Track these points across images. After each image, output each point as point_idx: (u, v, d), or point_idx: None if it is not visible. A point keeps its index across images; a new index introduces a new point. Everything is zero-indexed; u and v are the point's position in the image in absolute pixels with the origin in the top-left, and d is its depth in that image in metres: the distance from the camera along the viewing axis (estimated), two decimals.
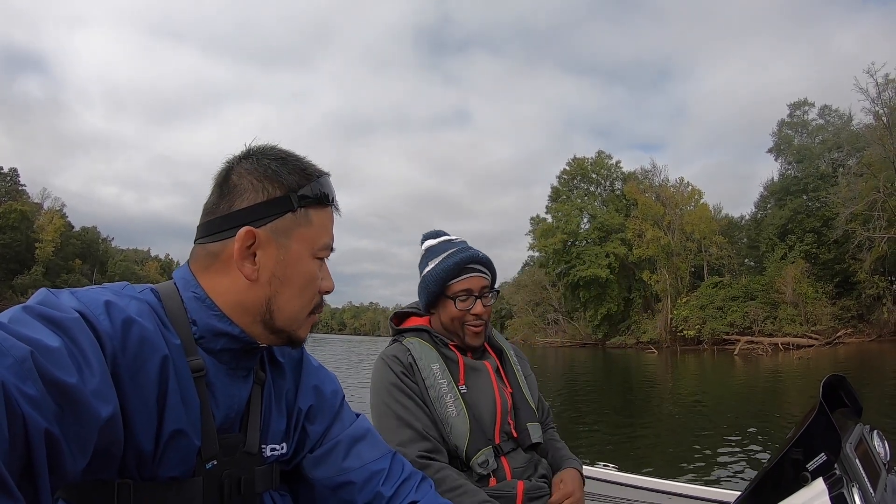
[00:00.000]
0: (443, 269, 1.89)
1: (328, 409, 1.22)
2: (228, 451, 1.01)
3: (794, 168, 49.76)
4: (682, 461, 8.08)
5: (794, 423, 9.60)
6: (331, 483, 1.15)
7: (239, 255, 0.98)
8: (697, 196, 55.94)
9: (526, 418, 1.91)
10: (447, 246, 1.97)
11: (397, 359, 1.87)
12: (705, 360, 35.11)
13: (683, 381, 22.26)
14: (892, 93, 38.12)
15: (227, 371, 1.02)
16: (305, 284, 1.03)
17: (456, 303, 1.89)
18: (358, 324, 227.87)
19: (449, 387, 1.82)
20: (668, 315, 50.35)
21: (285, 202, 1.00)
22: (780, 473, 1.35)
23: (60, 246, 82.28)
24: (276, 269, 1.00)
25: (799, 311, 41.33)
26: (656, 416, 13.26)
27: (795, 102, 52.94)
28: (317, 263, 1.04)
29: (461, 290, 1.89)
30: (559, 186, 65.68)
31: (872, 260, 37.11)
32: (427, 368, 1.84)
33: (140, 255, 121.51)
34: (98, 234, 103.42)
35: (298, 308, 1.03)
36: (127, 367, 0.85)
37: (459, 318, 1.90)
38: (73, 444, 0.70)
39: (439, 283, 1.90)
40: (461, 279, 1.89)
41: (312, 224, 1.03)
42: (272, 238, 1.00)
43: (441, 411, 1.79)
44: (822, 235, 43.15)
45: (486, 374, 1.92)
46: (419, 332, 1.97)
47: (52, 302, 0.81)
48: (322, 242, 1.04)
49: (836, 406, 1.52)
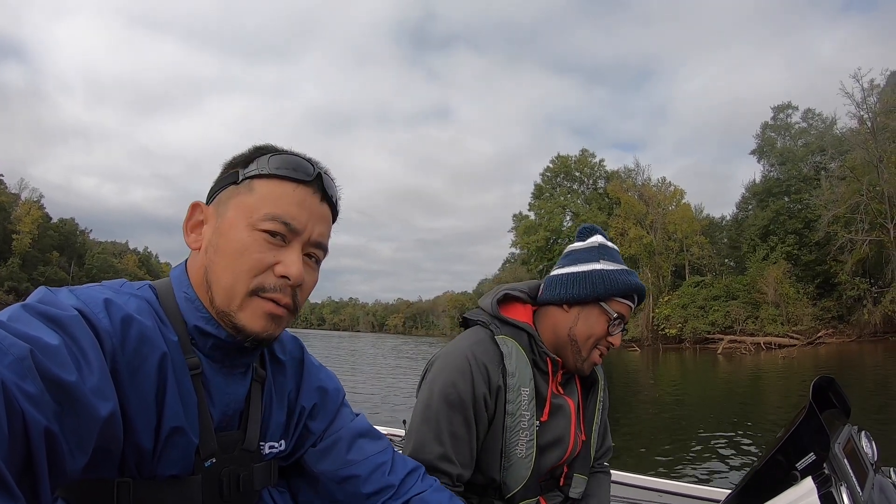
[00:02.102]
0: (621, 282, 1.59)
1: (330, 407, 1.22)
2: (227, 448, 1.01)
3: (777, 170, 50.32)
4: (670, 459, 8.11)
5: (780, 422, 9.75)
6: (336, 476, 1.16)
7: (185, 226, 1.02)
8: (679, 196, 56.50)
9: (579, 468, 1.70)
10: (620, 258, 1.68)
11: (486, 374, 1.52)
12: (688, 359, 35.46)
13: (668, 380, 22.42)
14: (876, 98, 38.70)
15: (221, 369, 1.01)
16: (236, 253, 0.95)
17: (610, 322, 1.60)
18: (337, 319, 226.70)
19: (529, 423, 1.55)
20: (649, 313, 50.75)
21: (231, 176, 1.00)
22: (770, 472, 1.37)
23: (38, 238, 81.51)
24: (213, 237, 0.98)
25: (780, 311, 41.87)
26: (639, 414, 13.32)
27: (779, 105, 53.86)
28: (258, 235, 0.95)
29: (620, 312, 1.61)
30: (542, 184, 66.17)
31: (854, 262, 37.64)
32: (515, 391, 1.54)
33: (118, 247, 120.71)
34: (76, 225, 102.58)
35: (229, 280, 0.95)
36: (126, 365, 0.85)
37: (598, 338, 1.61)
38: (72, 442, 0.70)
39: (610, 290, 1.59)
40: (625, 302, 1.62)
41: (253, 193, 0.97)
42: (214, 210, 1.00)
43: (508, 445, 1.53)
44: (803, 237, 43.82)
45: (567, 415, 1.65)
46: (519, 331, 1.63)
47: (51, 300, 0.82)
48: (262, 212, 0.95)
49: (825, 407, 1.54)
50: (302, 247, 0.99)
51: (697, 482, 4.36)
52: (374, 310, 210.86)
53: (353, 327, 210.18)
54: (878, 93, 38.81)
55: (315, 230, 1.00)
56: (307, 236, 0.99)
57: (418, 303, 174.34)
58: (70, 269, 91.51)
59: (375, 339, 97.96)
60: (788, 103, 53.34)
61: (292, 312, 1.00)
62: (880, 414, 11.05)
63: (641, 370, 27.35)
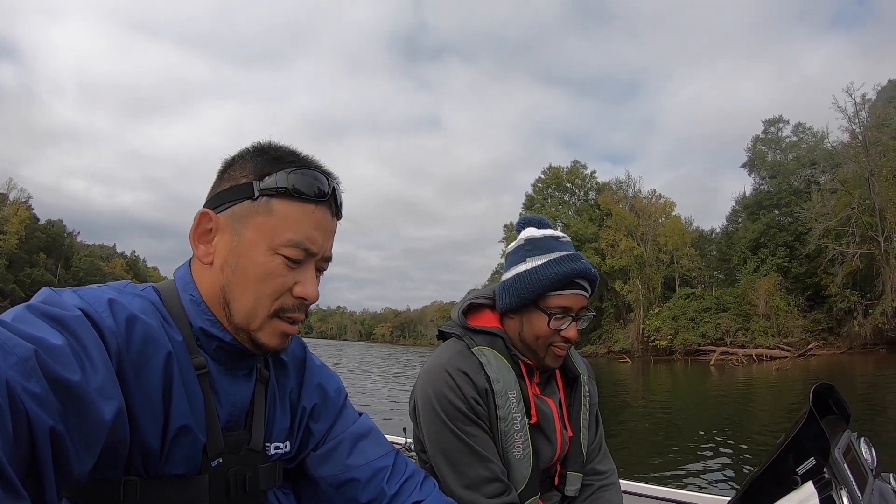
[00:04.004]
0: (547, 277, 1.54)
1: (332, 408, 1.22)
2: (234, 448, 1.01)
3: (768, 183, 50.66)
4: (671, 467, 8.15)
5: (776, 430, 9.75)
6: (335, 481, 1.15)
7: (192, 235, 0.99)
8: (670, 208, 56.76)
9: (572, 466, 1.67)
10: (553, 244, 1.61)
11: (469, 379, 1.51)
12: (680, 371, 35.58)
13: (664, 391, 22.53)
14: (867, 112, 39.14)
15: (225, 370, 1.02)
16: (259, 278, 0.95)
17: (550, 320, 1.55)
18: (325, 327, 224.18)
19: (521, 423, 1.53)
20: (640, 325, 50.86)
21: (246, 189, 0.97)
22: (771, 477, 1.38)
23: (25, 239, 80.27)
24: (229, 256, 0.97)
25: (771, 323, 42.04)
26: (636, 423, 13.35)
27: (770, 119, 54.21)
28: (279, 259, 0.95)
29: (560, 306, 1.55)
30: (533, 194, 66.25)
31: (844, 274, 37.81)
32: (503, 396, 1.53)
33: (106, 250, 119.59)
34: (64, 227, 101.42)
35: (251, 303, 0.96)
36: (131, 364, 0.85)
37: (546, 338, 1.56)
38: (78, 442, 0.70)
39: (537, 290, 1.54)
40: (564, 293, 1.55)
41: (273, 214, 0.95)
42: (228, 224, 0.98)
43: (506, 448, 1.53)
44: (794, 249, 43.96)
45: (549, 416, 1.63)
46: (493, 337, 1.61)
47: (55, 300, 0.81)
48: (285, 238, 0.95)
49: (825, 413, 1.55)
50: (315, 264, 1.01)
51: (699, 489, 4.35)
52: (362, 318, 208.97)
53: (340, 336, 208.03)
54: (870, 107, 39.28)
55: (327, 247, 1.01)
56: (321, 256, 1.01)
57: (406, 312, 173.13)
58: (57, 272, 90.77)
59: (364, 348, 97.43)
60: (779, 117, 53.79)
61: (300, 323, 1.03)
62: (874, 423, 11.18)
63: (634, 381, 27.42)
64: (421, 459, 1.62)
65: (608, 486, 1.74)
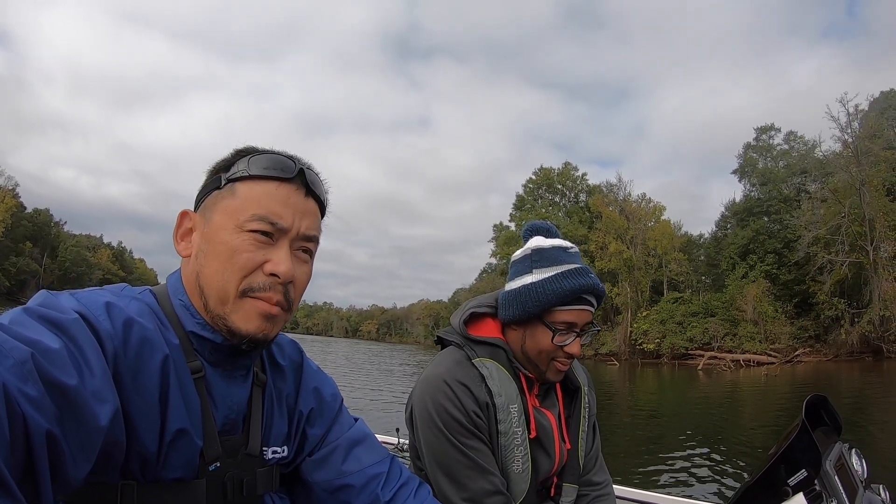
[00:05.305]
0: (553, 292, 1.50)
1: (328, 413, 1.21)
2: (231, 452, 1.00)
3: (758, 190, 50.94)
4: (658, 472, 8.19)
5: (765, 436, 9.79)
6: (329, 486, 1.15)
7: (175, 234, 1.03)
8: (659, 212, 57.03)
9: (568, 477, 1.65)
10: (561, 256, 1.56)
11: (469, 392, 1.48)
12: (667, 374, 35.79)
13: (651, 395, 22.56)
14: (860, 123, 39.40)
15: (221, 373, 1.01)
16: (226, 256, 0.95)
17: (554, 335, 1.51)
18: (311, 323, 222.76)
19: (522, 438, 1.51)
20: (627, 328, 51.03)
21: (215, 181, 1.00)
22: (763, 487, 1.39)
23: (11, 227, 79.58)
24: (202, 243, 0.98)
25: (758, 329, 42.31)
26: (624, 428, 13.38)
27: (762, 127, 54.43)
28: (246, 236, 0.95)
29: (565, 321, 1.51)
30: (524, 195, 66.43)
31: (833, 282, 38.07)
32: (505, 410, 1.50)
33: (92, 241, 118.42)
34: (51, 216, 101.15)
35: (220, 282, 0.95)
36: (128, 367, 0.85)
37: (549, 353, 1.53)
38: (74, 445, 0.70)
39: (543, 305, 1.51)
40: (570, 309, 1.51)
41: (237, 195, 0.97)
42: (202, 217, 1.00)
43: (505, 462, 1.50)
44: (783, 257, 44.22)
45: (548, 430, 1.60)
46: (495, 348, 1.58)
47: (51, 303, 0.82)
48: (248, 213, 0.95)
49: (817, 424, 1.56)
50: (290, 243, 0.99)
51: (687, 497, 4.36)
52: (348, 315, 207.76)
53: (326, 332, 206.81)
54: (863, 117, 39.56)
55: (302, 225, 1.00)
56: (294, 232, 0.99)
57: (393, 310, 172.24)
58: (42, 261, 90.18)
59: (350, 344, 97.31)
60: (771, 125, 54.04)
61: (287, 310, 1.00)
62: (864, 432, 11.27)
63: (620, 384, 27.54)
64: (416, 466, 1.61)
65: (603, 497, 1.73)
